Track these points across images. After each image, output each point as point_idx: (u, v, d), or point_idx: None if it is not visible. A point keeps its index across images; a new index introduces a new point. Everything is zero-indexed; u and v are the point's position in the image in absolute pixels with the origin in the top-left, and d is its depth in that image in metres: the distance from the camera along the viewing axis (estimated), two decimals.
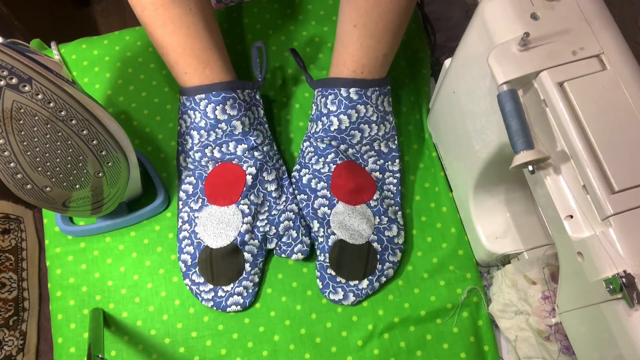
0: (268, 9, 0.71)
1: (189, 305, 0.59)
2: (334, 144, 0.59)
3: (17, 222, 0.78)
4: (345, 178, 0.59)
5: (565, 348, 0.52)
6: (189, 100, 0.58)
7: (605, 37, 0.40)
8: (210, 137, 0.59)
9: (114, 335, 0.58)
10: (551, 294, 0.54)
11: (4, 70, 0.43)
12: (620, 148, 0.37)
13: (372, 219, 0.59)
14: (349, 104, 0.57)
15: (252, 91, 0.61)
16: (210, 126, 0.58)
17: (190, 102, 0.58)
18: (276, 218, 0.59)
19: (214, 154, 0.60)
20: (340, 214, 0.58)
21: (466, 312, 0.58)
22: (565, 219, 0.40)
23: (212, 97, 0.57)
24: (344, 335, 0.58)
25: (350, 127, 0.59)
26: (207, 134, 0.59)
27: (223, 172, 0.59)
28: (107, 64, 0.68)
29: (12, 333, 0.72)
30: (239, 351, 0.57)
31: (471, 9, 0.73)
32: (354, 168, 0.60)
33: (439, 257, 0.61)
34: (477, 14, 0.45)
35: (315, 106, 0.61)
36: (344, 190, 0.59)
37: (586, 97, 0.39)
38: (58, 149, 0.49)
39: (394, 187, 0.62)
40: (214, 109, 0.57)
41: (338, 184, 0.59)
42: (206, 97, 0.57)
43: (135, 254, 0.61)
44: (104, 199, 0.56)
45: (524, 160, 0.38)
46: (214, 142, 0.59)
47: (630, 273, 0.35)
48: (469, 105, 0.51)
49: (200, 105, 0.57)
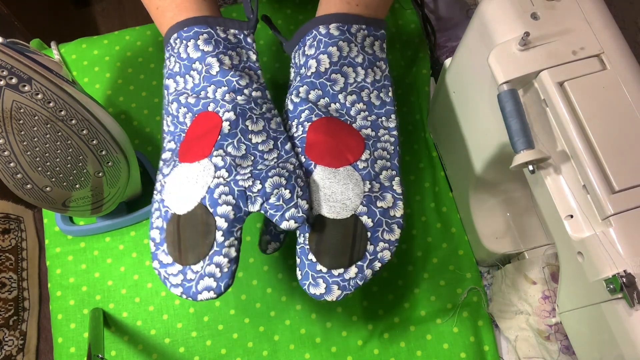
0: (268, 8, 0.71)
1: (189, 305, 0.59)
2: (311, 98, 0.49)
3: (17, 222, 0.78)
4: (322, 134, 0.47)
5: (565, 348, 0.52)
6: (167, 49, 0.51)
7: (606, 37, 0.40)
8: (187, 84, 0.50)
9: (114, 335, 0.58)
10: (551, 293, 0.54)
11: (4, 70, 0.43)
12: (620, 148, 0.37)
13: (361, 184, 0.46)
14: (329, 40, 0.49)
15: (239, 32, 0.52)
16: (185, 69, 0.49)
17: (168, 49, 0.51)
18: (263, 173, 0.45)
19: (189, 100, 0.49)
20: (318, 181, 0.46)
21: (466, 312, 0.58)
22: (566, 219, 0.40)
23: (183, 33, 0.49)
24: (344, 335, 0.58)
25: (331, 68, 0.49)
26: (184, 80, 0.50)
27: (198, 123, 0.48)
28: (107, 64, 0.68)
29: (12, 333, 0.72)
30: (239, 351, 0.57)
31: (471, 9, 0.73)
32: (335, 123, 0.48)
33: (439, 257, 0.61)
34: (477, 14, 0.45)
35: (293, 67, 0.53)
36: (322, 149, 0.47)
37: (586, 97, 0.39)
38: (58, 149, 0.49)
39: (391, 147, 0.49)
40: (186, 46, 0.49)
41: (314, 143, 0.47)
42: (178, 35, 0.49)
43: (135, 254, 0.61)
44: (104, 199, 0.56)
45: (524, 160, 0.38)
46: (191, 90, 0.49)
47: (630, 273, 0.35)
48: (469, 105, 0.51)
49: (175, 48, 0.50)
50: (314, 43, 0.49)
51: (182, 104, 0.49)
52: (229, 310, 0.59)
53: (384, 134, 0.49)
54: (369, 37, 0.50)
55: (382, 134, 0.49)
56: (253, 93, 0.49)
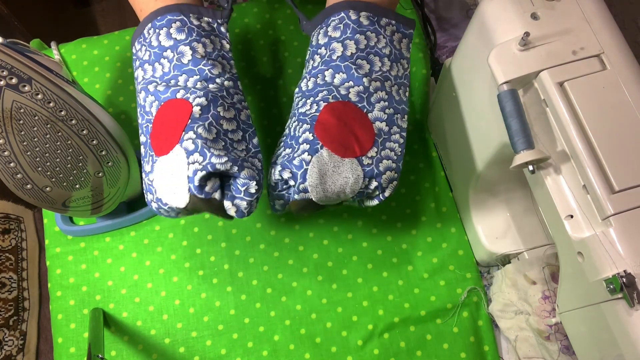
0: (268, 9, 0.71)
1: (189, 305, 0.59)
2: (335, 82, 0.47)
3: (17, 222, 0.78)
4: (336, 118, 0.45)
5: (565, 348, 0.52)
6: (138, 41, 0.50)
7: (605, 37, 0.40)
8: (156, 72, 0.47)
9: (114, 335, 0.58)
10: (551, 293, 0.54)
11: (4, 70, 0.43)
12: (620, 148, 0.37)
13: (360, 181, 0.45)
14: (358, 28, 0.47)
15: (213, 21, 0.50)
16: (155, 56, 0.47)
17: (140, 41, 0.49)
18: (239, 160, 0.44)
19: (158, 89, 0.47)
20: (323, 163, 0.44)
21: (466, 312, 0.58)
22: (566, 219, 0.40)
23: (156, 22, 0.48)
24: (344, 335, 0.58)
25: (357, 54, 0.47)
26: (152, 69, 0.48)
27: (166, 111, 0.46)
28: (107, 64, 0.68)
29: (12, 333, 0.72)
30: (239, 351, 0.57)
31: (471, 9, 0.73)
32: (351, 110, 0.46)
33: (439, 257, 0.61)
34: (477, 14, 0.45)
35: (309, 48, 0.51)
36: (333, 132, 0.45)
37: (586, 97, 0.39)
38: (58, 149, 0.49)
39: (399, 148, 0.47)
40: (158, 34, 0.47)
41: (326, 123, 0.45)
42: (152, 25, 0.48)
43: (135, 254, 0.61)
44: (104, 199, 0.56)
45: (524, 160, 0.38)
46: (160, 78, 0.47)
47: (630, 273, 0.35)
48: (469, 105, 0.51)
49: (147, 38, 0.48)
50: (340, 26, 0.48)
51: (150, 92, 0.47)
52: (229, 310, 0.59)
53: (396, 132, 0.48)
54: (398, 33, 0.49)
55: (394, 132, 0.48)
56: (225, 82, 0.48)
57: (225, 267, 0.60)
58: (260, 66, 0.68)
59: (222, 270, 0.60)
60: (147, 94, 0.47)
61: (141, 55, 0.49)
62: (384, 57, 0.48)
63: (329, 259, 0.61)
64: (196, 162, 0.42)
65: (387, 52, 0.48)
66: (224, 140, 0.45)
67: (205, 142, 0.43)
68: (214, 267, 0.60)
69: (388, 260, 0.61)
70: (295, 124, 0.47)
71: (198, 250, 0.61)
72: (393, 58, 0.49)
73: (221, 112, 0.46)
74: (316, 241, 0.61)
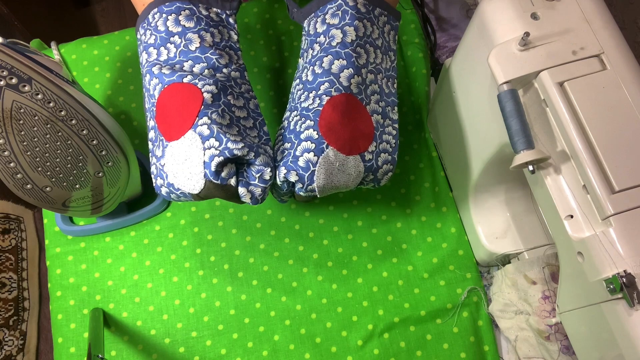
0: (268, 9, 0.71)
1: (189, 305, 0.59)
2: (334, 70, 0.46)
3: (17, 222, 0.78)
4: (340, 115, 0.45)
5: (565, 348, 0.52)
6: (142, 26, 0.49)
7: (605, 37, 0.40)
8: (161, 56, 0.47)
9: (114, 335, 0.58)
10: (551, 293, 0.54)
11: (4, 70, 0.43)
12: (620, 148, 0.37)
13: (360, 176, 0.46)
14: (356, 14, 0.47)
15: (222, 11, 0.50)
16: (161, 41, 0.47)
17: (144, 26, 0.49)
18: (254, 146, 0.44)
19: (163, 71, 0.46)
20: (329, 164, 0.44)
21: (466, 312, 0.58)
22: (566, 219, 0.40)
23: (164, 8, 0.47)
24: (344, 335, 0.58)
25: (356, 41, 0.47)
26: (157, 52, 0.47)
27: (171, 94, 0.45)
28: (107, 64, 0.68)
29: (12, 333, 0.72)
30: (239, 351, 0.57)
31: (471, 9, 0.73)
32: (353, 103, 0.46)
33: (439, 257, 0.61)
34: (477, 14, 0.45)
35: (305, 38, 0.51)
36: (339, 131, 0.45)
37: (586, 97, 0.39)
38: (58, 149, 0.49)
39: (393, 140, 0.48)
40: (166, 19, 0.47)
41: (330, 122, 0.45)
42: (159, 9, 0.47)
43: (135, 254, 0.61)
44: (104, 199, 0.56)
45: (524, 160, 0.38)
46: (164, 62, 0.47)
47: (630, 273, 0.35)
48: (469, 105, 0.51)
49: (152, 22, 0.48)
50: (338, 13, 0.47)
51: (155, 74, 0.46)
52: (229, 310, 0.59)
53: (389, 125, 0.49)
54: (388, 25, 0.50)
55: (387, 124, 0.48)
56: (232, 73, 0.48)
57: (225, 267, 0.60)
58: (260, 66, 0.68)
59: (222, 270, 0.60)
60: (152, 76, 0.46)
61: (145, 39, 0.48)
62: (377, 49, 0.48)
63: (329, 259, 0.61)
64: (212, 147, 0.42)
65: (379, 44, 0.49)
66: (237, 126, 0.45)
67: (220, 128, 0.43)
68: (214, 267, 0.60)
69: (388, 261, 0.61)
70: (297, 119, 0.47)
71: (198, 250, 0.61)
72: (383, 50, 0.49)
73: (232, 100, 0.46)
74: (316, 241, 0.61)
